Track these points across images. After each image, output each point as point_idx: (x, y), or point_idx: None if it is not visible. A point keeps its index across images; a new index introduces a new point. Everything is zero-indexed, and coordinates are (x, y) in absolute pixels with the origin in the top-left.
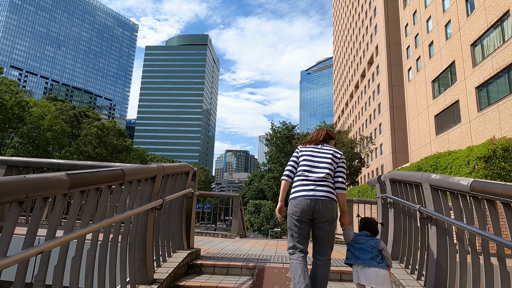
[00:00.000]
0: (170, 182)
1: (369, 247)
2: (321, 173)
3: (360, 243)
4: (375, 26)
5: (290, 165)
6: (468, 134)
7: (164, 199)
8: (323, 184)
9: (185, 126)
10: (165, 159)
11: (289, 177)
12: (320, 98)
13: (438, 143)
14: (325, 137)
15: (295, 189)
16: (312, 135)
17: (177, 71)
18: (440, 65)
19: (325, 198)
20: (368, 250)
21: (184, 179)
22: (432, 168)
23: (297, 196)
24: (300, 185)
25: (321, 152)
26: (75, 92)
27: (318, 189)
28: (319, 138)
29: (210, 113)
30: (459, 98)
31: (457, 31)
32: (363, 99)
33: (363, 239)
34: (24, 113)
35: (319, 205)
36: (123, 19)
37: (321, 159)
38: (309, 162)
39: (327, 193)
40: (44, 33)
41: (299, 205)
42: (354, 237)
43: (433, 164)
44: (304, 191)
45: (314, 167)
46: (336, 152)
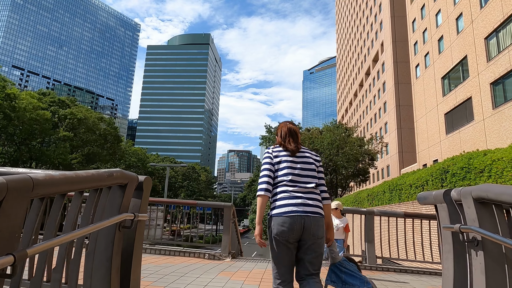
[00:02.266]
0: (73, 205)
1: (358, 273)
2: (310, 183)
3: (347, 268)
4: (380, 23)
5: (266, 175)
6: (482, 133)
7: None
8: (313, 197)
9: (187, 126)
10: (166, 160)
11: (268, 192)
12: (323, 97)
13: (448, 143)
14: (292, 135)
15: (279, 202)
16: (282, 133)
17: (179, 70)
18: (450, 60)
19: (316, 214)
20: (357, 276)
21: (114, 197)
22: (463, 171)
23: (284, 212)
24: (285, 198)
25: (301, 156)
26: (77, 92)
27: (308, 203)
28: (284, 139)
29: (212, 113)
30: (472, 95)
31: (470, 24)
32: (368, 98)
33: (350, 265)
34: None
35: (310, 223)
36: (125, 19)
37: (304, 165)
38: (292, 170)
39: (317, 208)
40: (46, 33)
41: (288, 224)
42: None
43: (464, 166)
44: (293, 206)
45: (300, 176)
46: (315, 156)
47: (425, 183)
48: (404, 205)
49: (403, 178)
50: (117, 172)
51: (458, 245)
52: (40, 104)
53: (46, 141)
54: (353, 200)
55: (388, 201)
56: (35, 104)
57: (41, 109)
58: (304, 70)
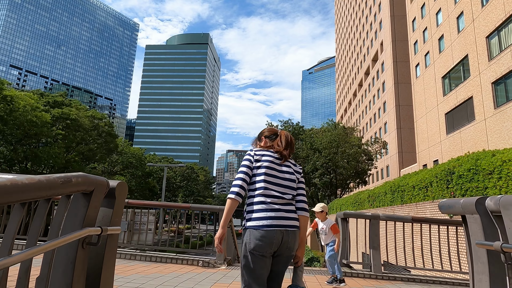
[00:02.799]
0: (12, 221)
1: None
2: (288, 194)
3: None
4: (380, 22)
5: (241, 178)
6: (483, 133)
7: None
8: (290, 209)
9: (185, 126)
10: (164, 160)
11: (239, 196)
12: (322, 97)
13: (449, 143)
14: (291, 147)
15: (257, 214)
16: (283, 141)
17: (177, 70)
18: (451, 59)
19: (294, 228)
20: None
21: (76, 208)
22: (470, 172)
23: (262, 226)
24: (263, 210)
25: (283, 165)
26: (75, 92)
27: (286, 216)
28: (286, 147)
29: (211, 113)
30: (473, 94)
31: (471, 23)
32: (367, 98)
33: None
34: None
35: (288, 237)
36: (124, 18)
37: (285, 174)
38: (271, 178)
39: (295, 220)
40: (44, 32)
41: (266, 238)
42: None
43: (471, 168)
44: (272, 219)
45: (279, 186)
46: (297, 167)
47: (428, 185)
48: (407, 206)
49: (405, 179)
50: (78, 177)
51: (496, 267)
52: (38, 106)
53: (43, 142)
54: (353, 201)
55: (390, 202)
56: (33, 104)
57: (39, 110)
58: (303, 70)
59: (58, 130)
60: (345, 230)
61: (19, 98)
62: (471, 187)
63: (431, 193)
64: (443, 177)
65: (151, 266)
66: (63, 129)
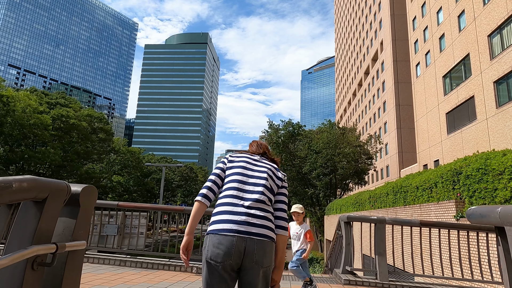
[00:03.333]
0: None
1: None
2: (257, 193)
3: None
4: (380, 21)
5: (211, 180)
6: (485, 132)
7: None
8: (261, 214)
9: (184, 126)
10: (163, 160)
11: (206, 198)
12: (321, 97)
13: (450, 143)
14: (265, 153)
15: (217, 217)
16: (251, 147)
17: (176, 70)
18: (452, 59)
19: (263, 237)
20: None
21: (23, 219)
22: (479, 173)
23: (221, 230)
24: (226, 212)
25: (257, 165)
26: (74, 91)
27: (253, 221)
28: (258, 149)
29: (210, 112)
30: (474, 94)
31: (472, 22)
32: (367, 97)
33: None
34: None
35: (253, 247)
36: (123, 17)
37: (257, 173)
38: (241, 177)
39: (266, 229)
40: (43, 32)
41: (224, 246)
42: None
43: (480, 168)
44: (233, 223)
45: (248, 184)
46: (276, 170)
47: (433, 186)
48: (410, 208)
49: (408, 180)
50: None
51: None
52: (39, 108)
53: (40, 143)
54: (353, 202)
55: (392, 203)
56: (33, 105)
57: (39, 112)
58: (303, 70)
59: (54, 131)
60: (348, 235)
61: (16, 99)
62: (480, 188)
63: (435, 194)
64: (449, 178)
65: (140, 273)
66: (59, 129)
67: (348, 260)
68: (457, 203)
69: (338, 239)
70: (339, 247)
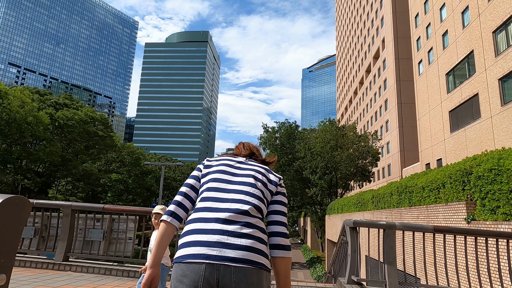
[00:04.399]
0: None
1: None
2: (238, 203)
3: None
4: (382, 18)
5: (181, 192)
6: (489, 131)
7: None
8: (242, 232)
9: (185, 124)
10: (164, 158)
11: (174, 217)
12: (322, 96)
13: (453, 141)
14: (252, 154)
15: (184, 238)
16: (236, 149)
17: (177, 68)
18: (455, 56)
19: (245, 263)
20: None
21: None
22: (491, 173)
23: (185, 257)
24: (193, 231)
25: (241, 168)
26: (74, 90)
27: (230, 241)
28: (245, 152)
29: (211, 111)
30: (479, 91)
31: (476, 18)
32: (368, 96)
33: None
34: None
35: (230, 278)
36: (123, 16)
37: (240, 177)
38: (219, 184)
39: (250, 251)
40: (43, 30)
41: (188, 279)
42: None
43: (493, 168)
44: (200, 245)
45: (227, 192)
46: (268, 172)
47: (441, 186)
48: (415, 209)
49: (414, 180)
50: None
51: None
52: (35, 105)
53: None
54: (355, 202)
55: (396, 204)
56: (30, 104)
57: (37, 110)
58: (303, 68)
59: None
60: (354, 241)
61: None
62: (493, 189)
63: (443, 195)
64: (459, 178)
65: (125, 284)
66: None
67: (354, 269)
68: (467, 205)
69: (343, 245)
70: (343, 254)
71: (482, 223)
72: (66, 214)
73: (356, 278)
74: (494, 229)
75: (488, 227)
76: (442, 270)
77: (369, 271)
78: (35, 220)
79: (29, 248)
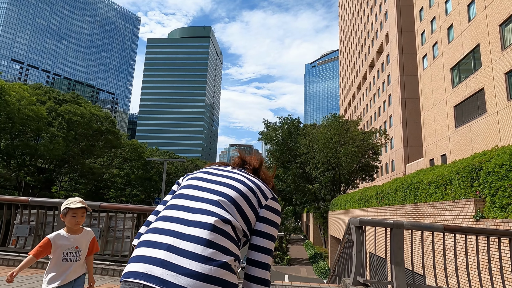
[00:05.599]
0: None
1: None
2: (202, 213)
3: None
4: (385, 13)
5: (155, 212)
6: (495, 126)
7: None
8: (197, 253)
9: (188, 120)
10: (166, 154)
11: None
12: (325, 91)
13: (458, 136)
14: (243, 163)
15: (133, 253)
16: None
17: (179, 64)
18: (461, 50)
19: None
20: None
21: None
22: (503, 169)
23: (124, 274)
24: (143, 242)
25: (221, 175)
26: (77, 86)
27: (177, 262)
28: (237, 161)
29: (214, 107)
30: (484, 86)
31: (483, 11)
32: (372, 91)
33: None
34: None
35: None
36: (126, 12)
37: (213, 185)
38: (187, 190)
39: (201, 281)
40: (45, 26)
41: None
42: None
43: (504, 163)
44: (143, 261)
45: (193, 199)
46: (256, 185)
47: (448, 182)
48: (421, 206)
49: (419, 176)
50: None
51: None
52: (33, 99)
53: (41, 136)
54: (359, 198)
55: (401, 201)
56: (28, 98)
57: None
58: (306, 64)
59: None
60: (360, 241)
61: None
62: (504, 186)
63: (450, 191)
64: (467, 174)
65: None
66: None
67: (359, 269)
68: (476, 202)
69: (348, 244)
70: (348, 253)
71: (492, 220)
72: None
73: (362, 279)
74: (505, 227)
75: (498, 225)
76: (452, 270)
77: (374, 269)
78: (31, 218)
79: (24, 247)
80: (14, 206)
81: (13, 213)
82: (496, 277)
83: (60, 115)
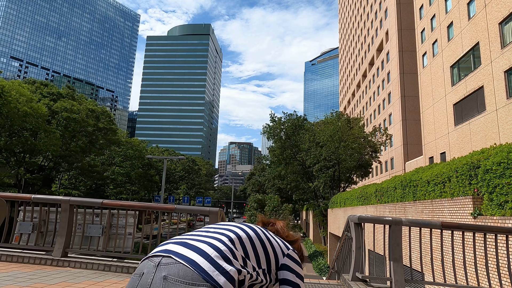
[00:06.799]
0: None
1: None
2: (217, 240)
3: None
4: (385, 10)
5: None
6: (494, 124)
7: None
8: (217, 261)
9: (187, 118)
10: (166, 152)
11: None
12: (324, 89)
13: (457, 135)
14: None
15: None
16: None
17: (179, 61)
18: (460, 48)
19: (186, 264)
20: None
21: None
22: (500, 167)
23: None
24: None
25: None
26: (76, 84)
27: (191, 256)
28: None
29: (213, 104)
30: (484, 84)
31: (483, 9)
32: (371, 89)
33: None
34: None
35: (160, 279)
36: (125, 9)
37: (224, 227)
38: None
39: (207, 260)
40: (44, 23)
41: (136, 276)
42: None
43: (502, 161)
44: (160, 249)
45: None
46: (273, 237)
47: (446, 180)
48: (420, 203)
49: (418, 173)
50: None
51: None
52: (33, 97)
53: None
54: (358, 195)
55: (400, 198)
56: (27, 95)
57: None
58: (306, 61)
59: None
60: (359, 238)
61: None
62: (501, 183)
63: (449, 189)
64: (465, 172)
65: (125, 281)
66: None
67: (358, 265)
68: (474, 200)
69: (347, 241)
70: (347, 250)
71: (489, 218)
72: (65, 209)
73: (360, 275)
74: (502, 224)
75: (496, 222)
76: (450, 267)
77: (373, 266)
78: (33, 215)
79: (27, 244)
80: (17, 203)
81: (16, 210)
82: (493, 273)
83: (56, 113)
